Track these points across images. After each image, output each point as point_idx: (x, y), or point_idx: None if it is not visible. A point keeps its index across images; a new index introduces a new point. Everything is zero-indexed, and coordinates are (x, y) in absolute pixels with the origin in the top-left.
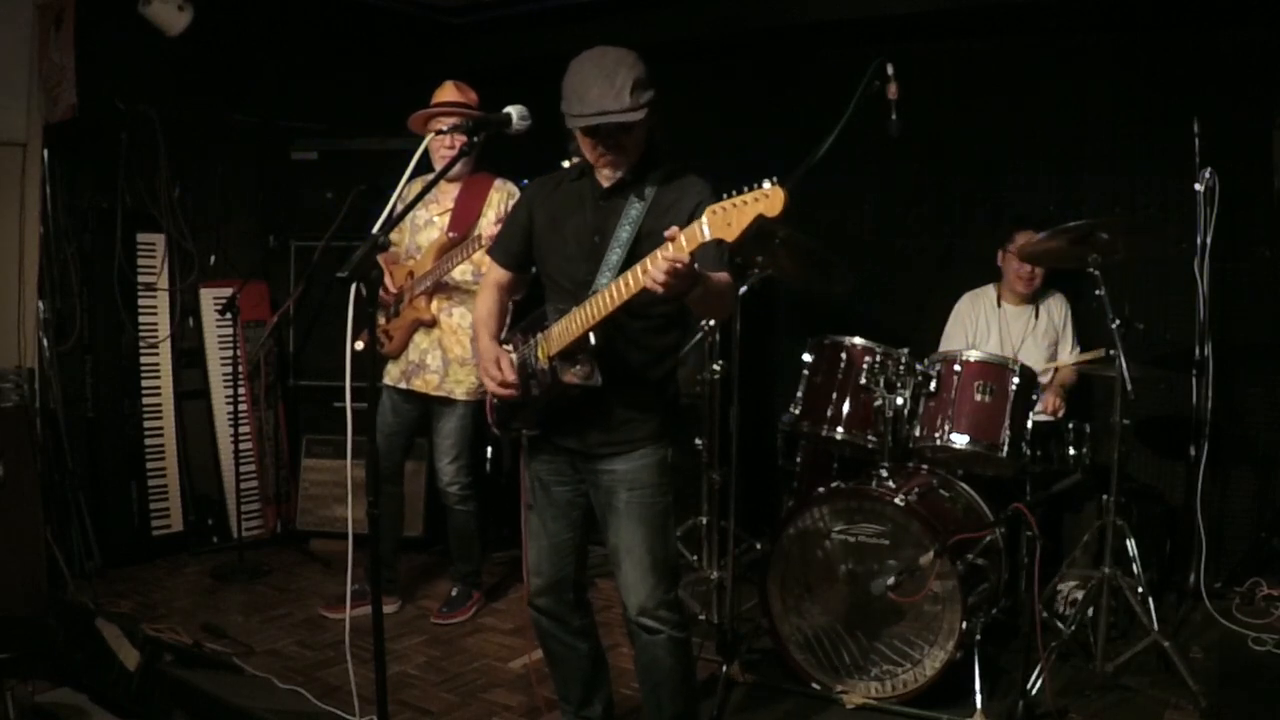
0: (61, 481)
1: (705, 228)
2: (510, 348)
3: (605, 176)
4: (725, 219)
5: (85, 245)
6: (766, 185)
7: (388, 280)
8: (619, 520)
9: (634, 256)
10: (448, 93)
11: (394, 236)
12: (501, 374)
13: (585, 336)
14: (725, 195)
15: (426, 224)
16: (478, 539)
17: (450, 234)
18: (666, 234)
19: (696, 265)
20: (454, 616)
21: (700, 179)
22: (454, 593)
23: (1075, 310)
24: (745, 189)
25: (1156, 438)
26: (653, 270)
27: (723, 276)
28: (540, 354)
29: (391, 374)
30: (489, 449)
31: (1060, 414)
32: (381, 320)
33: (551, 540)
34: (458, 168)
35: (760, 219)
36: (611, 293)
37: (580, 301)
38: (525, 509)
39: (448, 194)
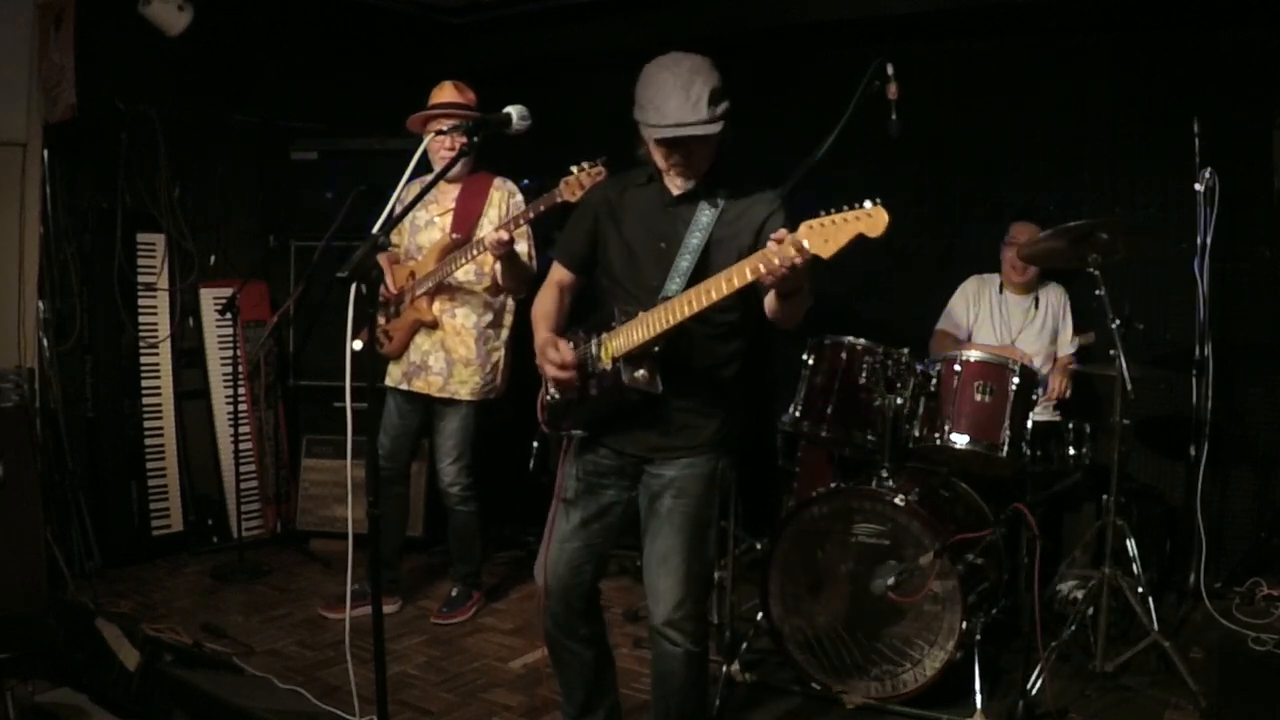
0: (61, 481)
1: (804, 242)
2: (571, 344)
3: (677, 185)
4: (823, 235)
5: (85, 245)
6: (869, 205)
7: (388, 280)
8: (659, 525)
9: (704, 263)
10: (446, 93)
11: (393, 238)
12: (561, 355)
13: (654, 341)
14: (823, 211)
15: (427, 224)
16: (478, 540)
17: (453, 235)
18: (774, 236)
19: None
20: (454, 617)
21: (771, 191)
22: (454, 593)
23: (1074, 307)
24: (846, 207)
25: (1156, 438)
26: (770, 262)
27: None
28: (604, 354)
29: (393, 375)
30: (535, 444)
31: (1068, 394)
32: (381, 320)
33: (581, 542)
34: (457, 168)
35: (860, 238)
36: (697, 297)
37: (647, 307)
38: (555, 508)
39: (448, 194)
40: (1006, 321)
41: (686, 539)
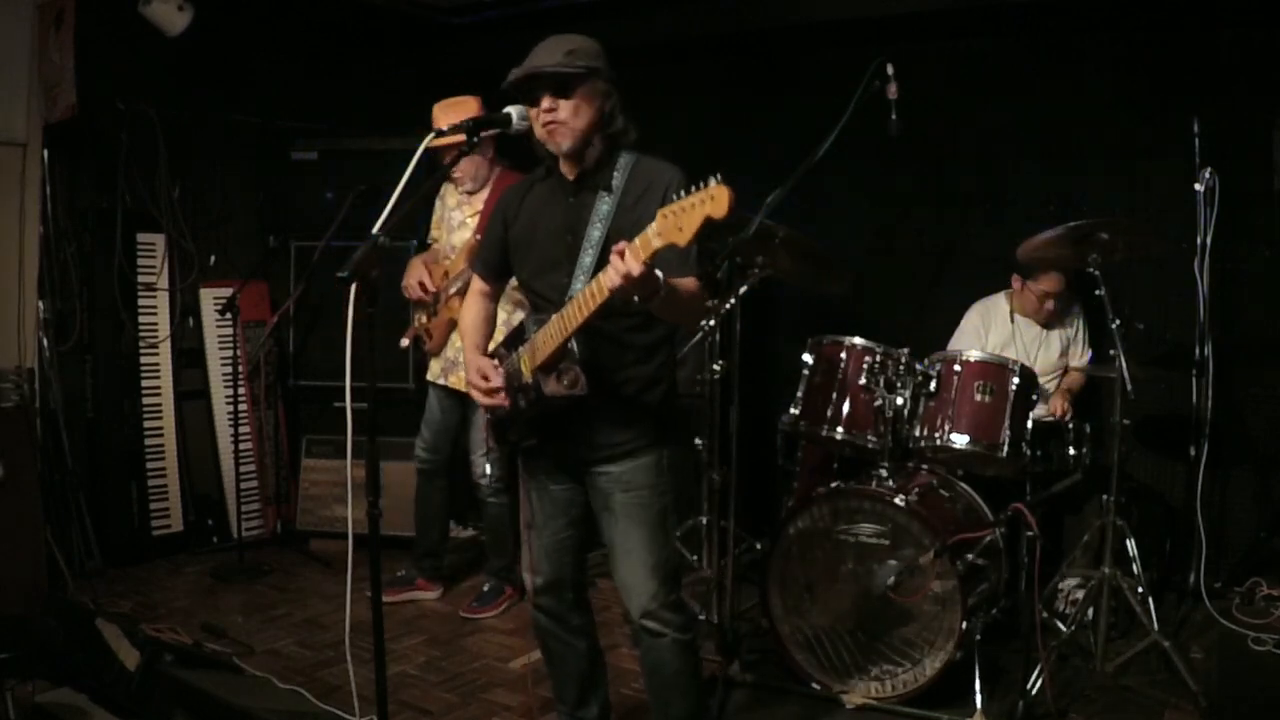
0: (61, 481)
1: (654, 234)
2: (497, 362)
3: (568, 169)
4: (675, 223)
5: (85, 245)
6: (712, 183)
7: (426, 279)
8: (616, 522)
9: (605, 258)
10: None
11: (435, 234)
12: (488, 381)
13: (566, 345)
14: (679, 194)
15: (460, 225)
16: (511, 532)
17: (479, 236)
18: (615, 249)
19: (657, 270)
20: (484, 611)
21: (668, 164)
22: (485, 588)
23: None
24: (695, 188)
25: (1156, 438)
26: (604, 281)
27: (687, 282)
28: (524, 367)
29: (433, 370)
30: (487, 465)
31: (1067, 417)
32: (423, 318)
33: (552, 539)
34: (477, 169)
35: (709, 221)
36: (581, 301)
37: (560, 308)
38: (524, 511)
39: (480, 196)
40: (1022, 345)
41: (646, 530)
